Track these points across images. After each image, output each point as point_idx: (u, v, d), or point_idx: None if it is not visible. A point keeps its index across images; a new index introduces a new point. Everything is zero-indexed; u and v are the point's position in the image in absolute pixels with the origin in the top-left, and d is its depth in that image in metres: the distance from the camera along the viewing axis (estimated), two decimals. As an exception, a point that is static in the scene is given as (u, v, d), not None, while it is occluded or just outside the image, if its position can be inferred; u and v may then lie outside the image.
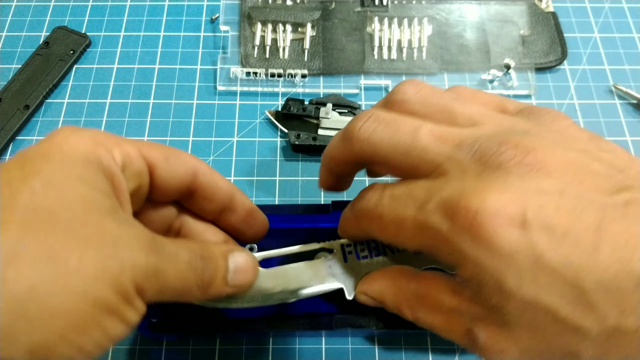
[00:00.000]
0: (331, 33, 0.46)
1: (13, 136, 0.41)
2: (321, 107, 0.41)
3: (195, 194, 0.26)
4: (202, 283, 0.23)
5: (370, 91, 0.44)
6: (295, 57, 0.45)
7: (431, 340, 0.34)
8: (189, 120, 0.43)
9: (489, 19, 0.46)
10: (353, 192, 0.39)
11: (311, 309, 0.33)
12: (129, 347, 0.34)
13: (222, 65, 0.44)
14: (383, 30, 0.46)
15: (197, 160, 0.26)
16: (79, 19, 0.48)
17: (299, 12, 0.46)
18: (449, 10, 0.47)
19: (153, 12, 0.48)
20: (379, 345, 0.34)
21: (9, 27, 0.47)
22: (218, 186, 0.26)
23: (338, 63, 0.45)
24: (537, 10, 0.47)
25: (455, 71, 0.45)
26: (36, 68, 0.44)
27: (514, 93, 0.44)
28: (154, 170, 0.23)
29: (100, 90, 0.44)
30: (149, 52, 0.46)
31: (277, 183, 0.40)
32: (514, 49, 0.45)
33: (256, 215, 0.29)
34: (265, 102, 0.44)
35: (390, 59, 0.45)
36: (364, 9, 0.47)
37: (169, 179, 0.24)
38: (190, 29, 0.47)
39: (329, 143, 0.26)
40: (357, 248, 0.29)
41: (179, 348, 0.34)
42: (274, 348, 0.34)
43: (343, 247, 0.29)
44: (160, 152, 0.24)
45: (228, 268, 0.24)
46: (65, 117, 0.43)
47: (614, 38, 0.47)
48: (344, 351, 0.34)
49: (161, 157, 0.24)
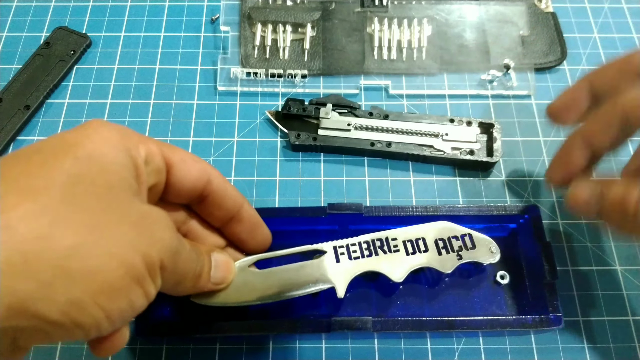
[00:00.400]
0: (331, 33, 0.46)
1: (14, 136, 0.41)
2: (321, 107, 0.41)
3: (206, 199, 0.27)
4: (194, 274, 0.25)
5: (370, 91, 0.44)
6: (295, 57, 0.45)
7: (431, 340, 0.34)
8: (189, 120, 0.43)
9: (488, 20, 0.47)
10: (352, 193, 0.40)
11: (311, 310, 0.33)
12: (129, 347, 0.34)
13: (222, 66, 0.45)
14: (383, 30, 0.46)
15: (212, 168, 0.27)
16: (80, 19, 0.48)
17: (299, 12, 0.46)
18: (449, 11, 0.47)
19: (153, 12, 0.48)
20: (379, 345, 0.34)
21: (9, 28, 0.47)
22: (228, 195, 0.28)
23: (338, 63, 0.45)
24: (536, 10, 0.47)
25: (455, 71, 0.45)
26: (37, 68, 0.44)
27: (513, 93, 0.44)
28: (171, 169, 0.25)
29: (101, 90, 0.44)
30: (149, 52, 0.46)
31: (277, 183, 0.40)
32: (513, 49, 0.45)
33: (261, 228, 0.30)
34: (265, 102, 0.44)
35: (390, 59, 0.45)
36: (363, 9, 0.47)
37: (184, 180, 0.25)
38: (191, 29, 0.48)
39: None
40: (350, 249, 0.31)
41: (179, 348, 0.34)
42: (273, 348, 0.34)
43: (335, 249, 0.31)
44: (179, 154, 0.25)
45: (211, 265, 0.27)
46: (65, 118, 0.43)
47: (614, 38, 0.47)
48: (344, 351, 0.34)
49: (179, 158, 0.25)
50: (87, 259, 0.18)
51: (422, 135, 0.40)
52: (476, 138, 0.40)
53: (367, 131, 0.40)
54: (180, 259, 0.22)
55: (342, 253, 0.30)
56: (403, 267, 0.31)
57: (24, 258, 0.17)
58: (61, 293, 0.17)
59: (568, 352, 0.34)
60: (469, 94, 0.44)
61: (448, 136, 0.40)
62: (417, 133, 0.40)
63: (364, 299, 0.34)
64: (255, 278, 0.29)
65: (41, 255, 0.17)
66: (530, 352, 0.34)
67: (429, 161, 0.41)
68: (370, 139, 0.40)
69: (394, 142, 0.40)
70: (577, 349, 0.34)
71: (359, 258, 0.30)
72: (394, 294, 0.34)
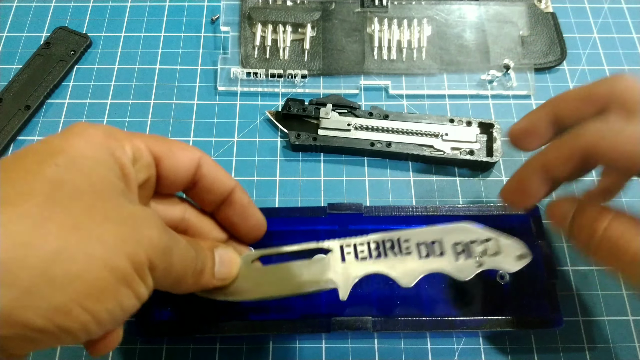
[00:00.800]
0: (331, 34, 0.46)
1: (14, 136, 0.41)
2: (321, 108, 0.41)
3: (197, 184, 0.27)
4: (195, 271, 0.24)
5: (370, 91, 0.44)
6: (295, 57, 0.45)
7: (431, 340, 0.34)
8: (189, 120, 0.43)
9: (488, 20, 0.47)
10: (352, 193, 0.40)
11: (310, 310, 0.33)
12: (129, 347, 0.34)
13: (222, 66, 0.45)
14: (383, 30, 0.46)
15: (201, 153, 0.27)
16: (80, 19, 0.48)
17: (299, 12, 0.46)
18: (449, 11, 0.47)
19: (153, 12, 0.48)
20: (379, 345, 0.34)
21: (9, 28, 0.47)
22: (219, 178, 0.27)
23: (338, 63, 0.45)
24: (536, 10, 0.47)
25: (455, 72, 0.45)
26: (37, 68, 0.44)
27: (513, 93, 0.44)
28: (160, 162, 0.25)
29: (101, 90, 0.44)
30: (149, 52, 0.46)
31: (277, 183, 0.40)
32: (513, 50, 0.45)
33: (252, 210, 0.30)
34: (265, 102, 0.44)
35: (390, 59, 0.45)
36: (363, 9, 0.47)
37: (174, 170, 0.25)
38: (191, 29, 0.48)
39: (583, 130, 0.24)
40: (357, 249, 0.29)
41: (179, 348, 0.34)
42: (274, 348, 0.34)
43: (342, 248, 0.29)
44: (166, 145, 0.25)
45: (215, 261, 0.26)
46: (66, 118, 0.43)
47: (614, 38, 0.47)
48: (344, 351, 0.34)
49: (166, 150, 0.25)
50: (70, 263, 0.18)
51: (422, 135, 0.40)
52: (476, 138, 0.40)
53: (367, 131, 0.40)
54: (174, 256, 0.22)
55: (348, 252, 0.28)
56: (414, 273, 0.28)
57: (6, 267, 0.17)
58: (45, 299, 0.17)
59: (568, 352, 0.34)
60: (468, 94, 0.44)
61: (448, 136, 0.40)
62: (417, 133, 0.40)
63: (364, 299, 0.34)
64: (258, 274, 0.28)
65: (23, 262, 0.17)
66: (530, 352, 0.34)
67: (428, 161, 0.41)
68: (370, 139, 0.40)
69: (394, 142, 0.40)
70: (577, 349, 0.34)
71: (366, 259, 0.28)
72: (394, 294, 0.34)
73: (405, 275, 0.28)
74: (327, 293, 0.30)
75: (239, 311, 0.33)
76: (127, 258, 0.19)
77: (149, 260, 0.20)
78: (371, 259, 0.28)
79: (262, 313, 0.33)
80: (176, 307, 0.33)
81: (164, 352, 0.34)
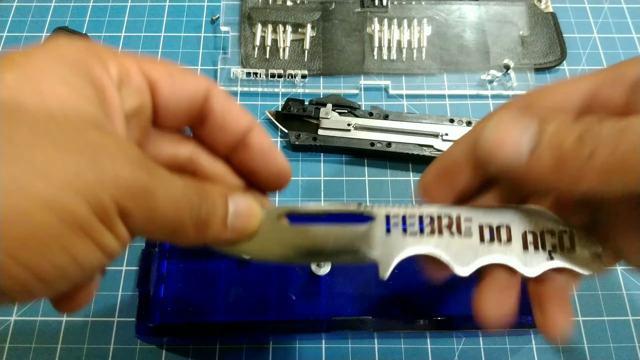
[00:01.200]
0: (331, 34, 0.46)
1: (14, 136, 0.41)
2: (321, 108, 0.41)
3: (206, 120, 0.23)
4: (197, 220, 0.20)
5: (370, 91, 0.44)
6: (295, 57, 0.45)
7: (431, 340, 0.34)
8: (189, 120, 0.43)
9: (488, 20, 0.47)
10: (352, 193, 0.40)
11: (311, 310, 0.33)
12: (129, 347, 0.34)
13: (222, 66, 0.45)
14: (383, 30, 0.46)
15: (212, 83, 0.22)
16: (80, 19, 0.48)
17: (299, 12, 0.46)
18: (449, 11, 0.47)
19: (153, 12, 0.48)
20: (379, 345, 0.34)
21: (9, 28, 0.47)
22: (232, 114, 0.23)
23: (338, 63, 0.45)
24: (536, 10, 0.47)
25: (455, 71, 0.45)
26: (37, 68, 0.44)
27: (513, 93, 0.44)
28: (157, 88, 0.21)
29: (101, 90, 0.44)
30: (149, 52, 0.46)
31: (277, 183, 0.40)
32: (513, 50, 0.45)
33: (274, 154, 0.24)
34: (265, 102, 0.44)
35: (390, 59, 0.45)
36: (363, 9, 0.47)
37: (175, 99, 0.21)
38: (191, 29, 0.48)
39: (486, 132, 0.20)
40: (407, 221, 0.24)
41: (179, 348, 0.34)
42: (274, 348, 0.34)
43: (387, 218, 0.24)
44: (164, 69, 0.21)
45: (228, 210, 0.21)
46: (66, 118, 0.43)
47: (613, 38, 0.47)
48: (344, 351, 0.34)
49: (165, 74, 0.21)
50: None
51: (422, 136, 0.40)
52: (476, 138, 0.40)
53: (367, 131, 0.40)
54: (160, 201, 0.17)
55: (395, 224, 0.23)
56: (473, 259, 0.23)
57: None
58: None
59: (568, 352, 0.34)
60: (468, 94, 0.44)
61: (448, 136, 0.40)
62: (417, 133, 0.40)
63: (364, 299, 0.34)
64: (285, 234, 0.23)
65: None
66: (530, 352, 0.34)
67: (429, 161, 0.41)
68: (370, 139, 0.40)
69: (394, 142, 0.40)
70: (577, 349, 0.34)
71: (416, 234, 0.23)
72: (394, 293, 0.34)
73: (461, 261, 0.23)
74: (326, 293, 0.30)
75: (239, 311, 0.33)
76: (82, 199, 0.15)
77: (116, 203, 0.16)
78: (422, 235, 0.23)
79: (261, 313, 0.33)
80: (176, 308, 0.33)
81: (164, 352, 0.34)
